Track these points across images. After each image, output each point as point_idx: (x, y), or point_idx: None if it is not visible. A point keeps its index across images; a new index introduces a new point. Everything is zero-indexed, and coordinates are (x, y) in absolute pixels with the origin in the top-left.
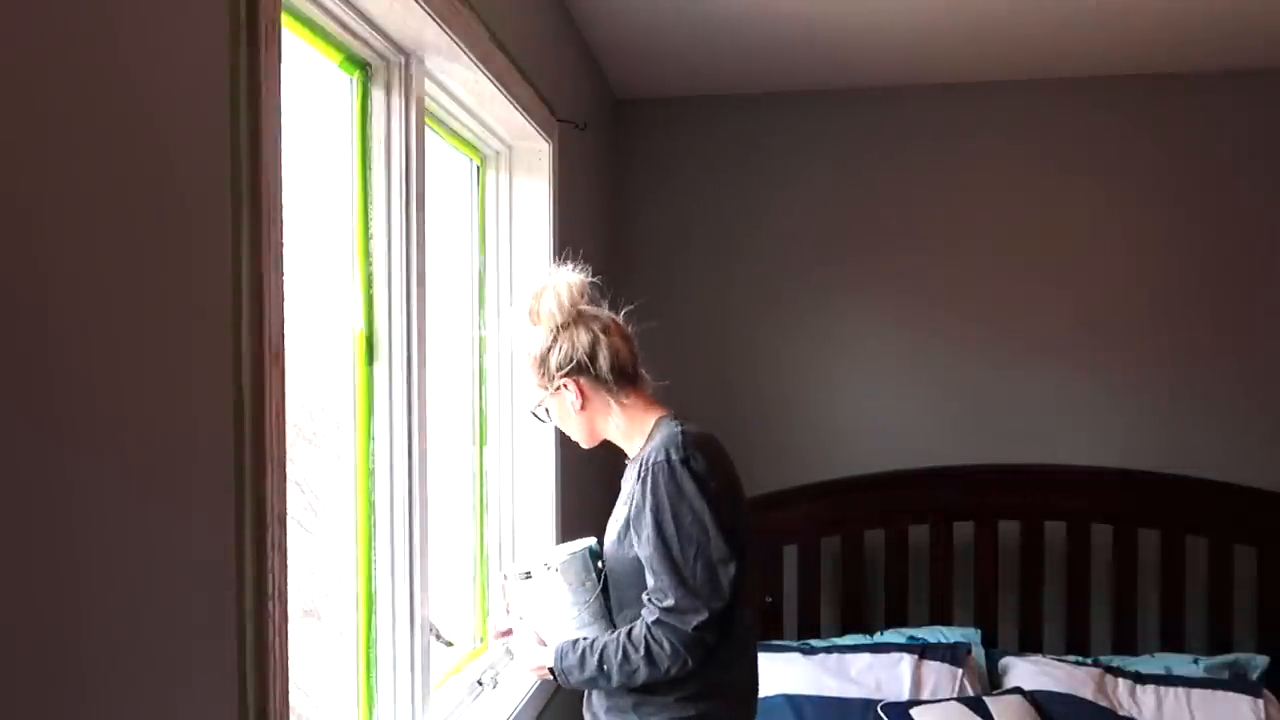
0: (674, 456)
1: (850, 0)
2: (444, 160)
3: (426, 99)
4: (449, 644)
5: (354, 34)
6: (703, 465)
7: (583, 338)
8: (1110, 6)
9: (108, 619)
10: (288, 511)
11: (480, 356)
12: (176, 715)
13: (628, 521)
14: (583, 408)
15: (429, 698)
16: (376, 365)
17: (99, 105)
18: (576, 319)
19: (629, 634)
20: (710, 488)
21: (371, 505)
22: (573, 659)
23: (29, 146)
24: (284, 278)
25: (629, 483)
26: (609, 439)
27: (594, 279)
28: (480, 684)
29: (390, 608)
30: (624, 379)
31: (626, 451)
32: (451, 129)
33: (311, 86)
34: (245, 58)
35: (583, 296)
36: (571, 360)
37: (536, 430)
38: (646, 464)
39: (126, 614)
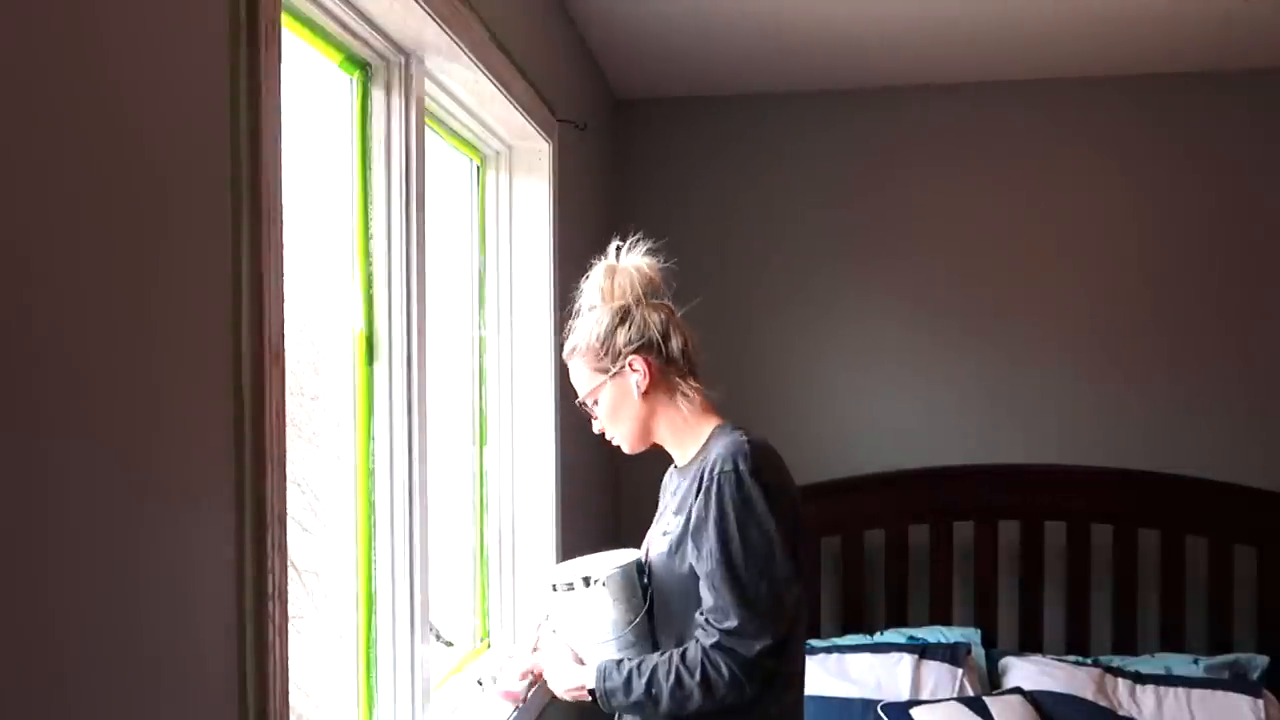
0: (742, 467)
1: (851, 1)
2: (444, 160)
3: (426, 99)
4: (449, 644)
5: (354, 34)
6: (774, 479)
7: (655, 316)
8: (1111, 6)
9: (107, 619)
10: (288, 511)
11: (480, 356)
12: (177, 715)
13: (684, 534)
14: (646, 391)
15: (429, 698)
16: (376, 365)
17: (99, 105)
18: (648, 300)
19: (683, 656)
20: (782, 503)
21: (371, 505)
22: (617, 680)
23: (28, 146)
24: (284, 278)
25: (679, 494)
26: (659, 440)
27: (665, 265)
28: (480, 684)
29: (390, 608)
30: (690, 367)
31: (676, 458)
32: (451, 129)
33: (311, 86)
34: (245, 58)
35: (656, 280)
36: (644, 336)
37: (536, 430)
38: (711, 474)
39: (126, 614)
